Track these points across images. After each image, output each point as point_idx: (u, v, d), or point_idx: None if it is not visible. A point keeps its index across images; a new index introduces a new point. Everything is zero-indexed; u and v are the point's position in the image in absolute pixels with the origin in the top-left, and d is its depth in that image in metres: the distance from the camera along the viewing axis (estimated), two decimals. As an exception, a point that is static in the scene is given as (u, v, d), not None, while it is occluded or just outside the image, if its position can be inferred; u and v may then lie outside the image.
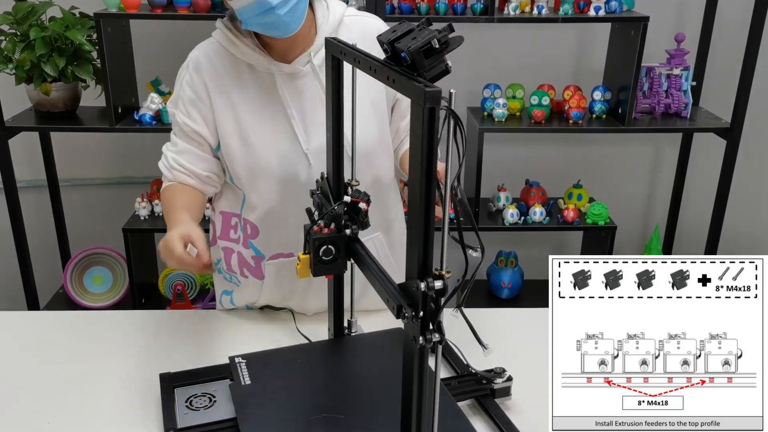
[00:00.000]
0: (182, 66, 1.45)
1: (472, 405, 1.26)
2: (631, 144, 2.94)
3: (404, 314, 0.92)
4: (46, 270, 2.81)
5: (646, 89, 2.58)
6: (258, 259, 1.51)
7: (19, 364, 1.41)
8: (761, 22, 2.34)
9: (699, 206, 2.85)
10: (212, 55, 1.42)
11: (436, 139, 0.84)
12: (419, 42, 0.89)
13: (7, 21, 2.33)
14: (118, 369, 1.38)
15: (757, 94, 2.47)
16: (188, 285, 2.74)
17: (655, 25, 2.36)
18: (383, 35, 1.00)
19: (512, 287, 2.77)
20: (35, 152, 2.68)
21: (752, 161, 2.81)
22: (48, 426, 1.23)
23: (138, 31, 2.52)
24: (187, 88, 1.43)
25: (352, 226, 1.18)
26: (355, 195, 1.19)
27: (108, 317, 1.66)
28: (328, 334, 1.39)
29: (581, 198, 2.68)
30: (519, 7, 2.41)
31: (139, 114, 2.43)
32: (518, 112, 2.59)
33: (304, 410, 1.17)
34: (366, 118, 1.41)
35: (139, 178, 2.84)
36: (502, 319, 1.57)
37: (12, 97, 2.45)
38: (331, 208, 1.18)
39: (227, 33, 1.40)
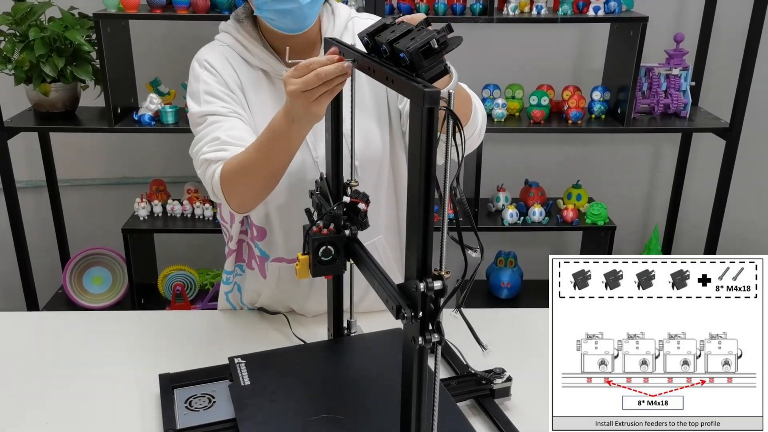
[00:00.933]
0: (195, 66, 1.40)
1: (472, 405, 1.26)
2: (630, 144, 2.94)
3: (403, 315, 0.92)
4: (45, 270, 2.81)
5: (645, 89, 2.58)
6: (263, 260, 1.51)
7: (18, 364, 1.41)
8: (760, 21, 2.35)
9: (698, 206, 2.85)
10: (228, 56, 1.39)
11: (435, 140, 0.84)
12: (418, 42, 0.89)
13: (6, 21, 2.33)
14: (118, 369, 1.38)
15: (756, 94, 2.47)
16: (187, 285, 2.74)
17: (654, 25, 2.36)
18: (363, 31, 1.00)
19: (512, 287, 2.77)
20: (34, 153, 2.68)
21: (751, 161, 2.81)
22: (47, 426, 1.23)
23: (137, 31, 2.52)
24: (212, 82, 1.36)
25: (352, 227, 1.18)
26: (354, 195, 1.19)
27: (107, 318, 1.66)
28: (327, 335, 1.39)
29: (580, 198, 2.68)
30: (518, 7, 2.40)
31: (138, 114, 2.43)
32: (517, 113, 2.59)
33: (303, 410, 1.17)
34: (370, 118, 1.40)
35: (139, 179, 2.84)
36: (502, 320, 1.57)
37: (11, 98, 2.45)
38: (331, 208, 1.18)
39: (237, 36, 1.38)
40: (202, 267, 2.82)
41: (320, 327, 1.43)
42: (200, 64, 1.40)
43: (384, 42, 0.95)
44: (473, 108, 1.29)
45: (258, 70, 1.40)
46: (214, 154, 1.30)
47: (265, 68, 1.39)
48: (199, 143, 1.34)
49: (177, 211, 2.61)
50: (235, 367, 1.27)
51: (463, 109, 1.24)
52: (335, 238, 1.17)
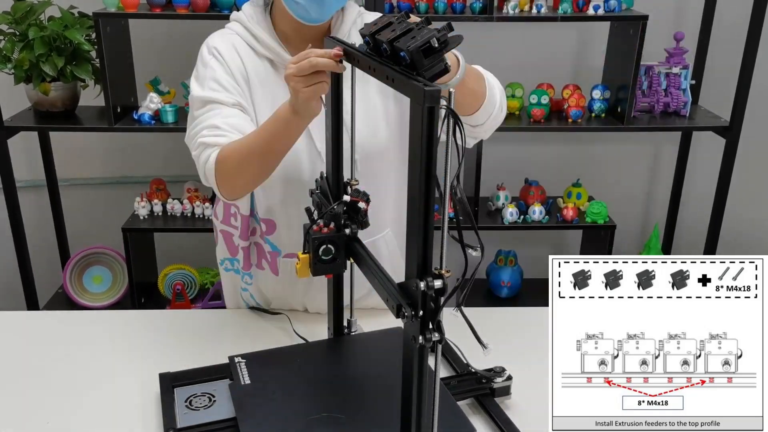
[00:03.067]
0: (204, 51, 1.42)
1: (472, 404, 1.26)
2: (630, 143, 2.94)
3: (404, 314, 0.92)
4: (45, 270, 2.81)
5: (645, 88, 2.58)
6: (274, 255, 1.52)
7: (18, 363, 1.41)
8: (760, 20, 2.34)
9: (698, 205, 2.85)
10: (236, 45, 1.41)
11: (436, 138, 0.84)
12: (419, 41, 0.89)
13: (5, 20, 2.33)
14: (118, 369, 1.38)
15: (756, 93, 2.47)
16: (188, 285, 2.74)
17: (654, 23, 2.35)
18: (364, 28, 1.01)
19: (512, 286, 2.77)
20: (34, 152, 2.68)
21: (751, 159, 2.81)
22: (47, 426, 1.23)
23: (137, 30, 2.52)
24: (220, 71, 1.38)
25: (352, 226, 1.18)
26: (354, 194, 1.19)
27: (107, 317, 1.66)
28: (327, 334, 1.39)
29: (580, 197, 2.68)
30: (518, 5, 2.40)
31: (138, 113, 2.43)
32: (517, 111, 2.58)
33: (304, 410, 1.16)
34: (375, 111, 1.42)
35: (139, 178, 2.84)
36: (502, 319, 1.57)
37: (11, 97, 2.45)
38: (331, 207, 1.18)
39: (248, 25, 1.40)
40: (202, 266, 2.82)
41: (321, 326, 1.43)
42: (209, 51, 1.42)
43: (384, 41, 0.94)
44: (487, 85, 1.31)
45: (265, 59, 1.41)
46: (212, 139, 1.32)
47: (272, 57, 1.40)
48: (197, 126, 1.36)
49: (177, 210, 2.61)
50: (236, 366, 1.27)
51: (478, 88, 1.28)
52: (335, 237, 1.17)
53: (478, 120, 1.33)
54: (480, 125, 1.35)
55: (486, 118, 1.33)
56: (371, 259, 1.11)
